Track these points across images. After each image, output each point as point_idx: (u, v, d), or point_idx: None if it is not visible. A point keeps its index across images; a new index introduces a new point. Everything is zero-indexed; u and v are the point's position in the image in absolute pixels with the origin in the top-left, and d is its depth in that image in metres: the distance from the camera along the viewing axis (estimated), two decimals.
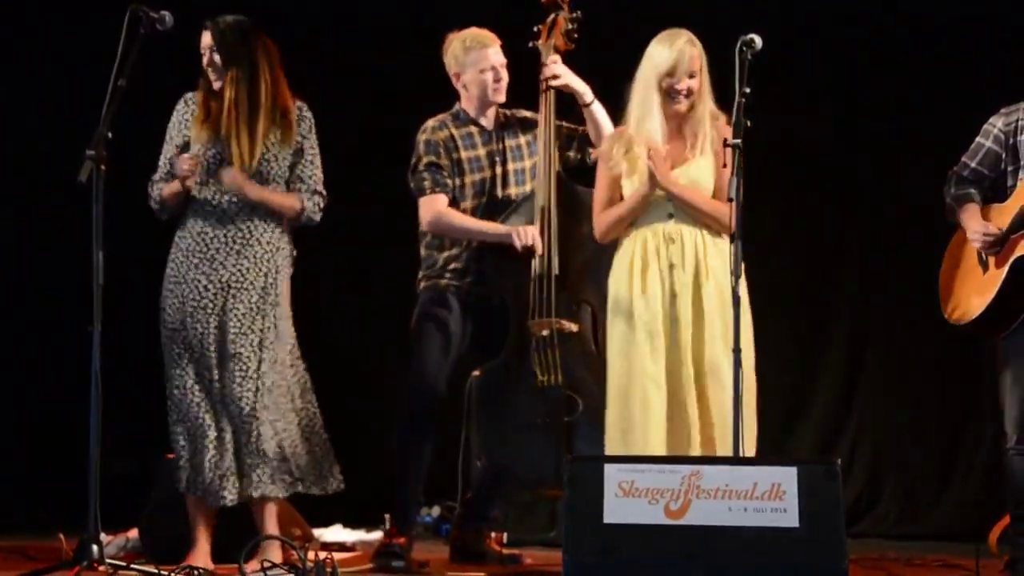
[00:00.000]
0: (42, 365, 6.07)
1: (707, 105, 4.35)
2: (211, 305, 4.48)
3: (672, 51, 4.30)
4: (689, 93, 4.33)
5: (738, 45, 3.99)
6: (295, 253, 4.64)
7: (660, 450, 4.11)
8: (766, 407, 4.29)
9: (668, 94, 4.32)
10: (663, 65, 4.30)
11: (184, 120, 4.60)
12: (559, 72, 4.71)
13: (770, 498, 3.34)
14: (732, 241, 3.94)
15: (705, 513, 3.33)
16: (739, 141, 3.95)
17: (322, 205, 4.61)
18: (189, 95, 4.63)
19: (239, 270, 4.50)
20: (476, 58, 4.78)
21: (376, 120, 5.98)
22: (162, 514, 4.76)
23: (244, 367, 4.45)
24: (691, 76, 4.32)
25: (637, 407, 4.19)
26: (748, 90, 3.96)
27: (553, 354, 4.57)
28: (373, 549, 4.83)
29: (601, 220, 4.42)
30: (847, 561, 3.31)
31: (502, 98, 4.83)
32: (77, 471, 4.20)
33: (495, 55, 4.80)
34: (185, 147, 4.57)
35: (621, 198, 4.38)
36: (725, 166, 4.03)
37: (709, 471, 3.38)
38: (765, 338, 4.31)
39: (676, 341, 4.23)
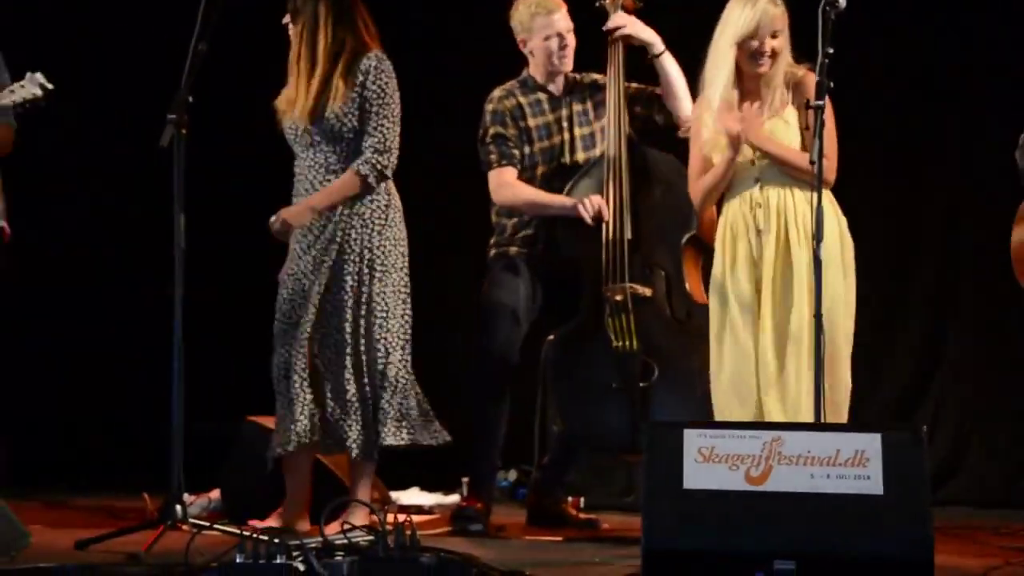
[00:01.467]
0: (126, 327, 6.16)
1: (785, 64, 4.25)
2: (292, 268, 4.49)
3: (754, 11, 4.22)
4: (773, 54, 4.25)
5: (821, 4, 3.92)
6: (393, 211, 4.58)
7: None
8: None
9: (751, 56, 4.25)
10: (745, 26, 4.22)
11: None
12: (623, 22, 4.63)
13: (853, 465, 3.30)
14: (813, 205, 3.88)
15: (786, 479, 3.30)
16: (822, 103, 3.89)
17: (384, 164, 4.46)
18: None
19: (310, 232, 4.49)
20: (542, 24, 4.74)
21: (448, 85, 5.97)
22: (243, 475, 4.82)
23: (334, 326, 4.46)
24: (774, 36, 4.24)
25: (743, 385, 4.15)
26: (831, 50, 3.90)
27: (628, 319, 4.55)
28: (450, 512, 4.86)
29: (695, 190, 4.34)
30: (932, 529, 3.27)
31: (569, 65, 4.78)
32: (161, 432, 4.26)
33: (561, 20, 4.74)
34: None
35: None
36: (807, 128, 3.96)
37: (791, 437, 3.35)
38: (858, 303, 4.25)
39: (760, 308, 4.17)
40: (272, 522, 4.46)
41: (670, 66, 4.64)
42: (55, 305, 6.12)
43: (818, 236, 3.88)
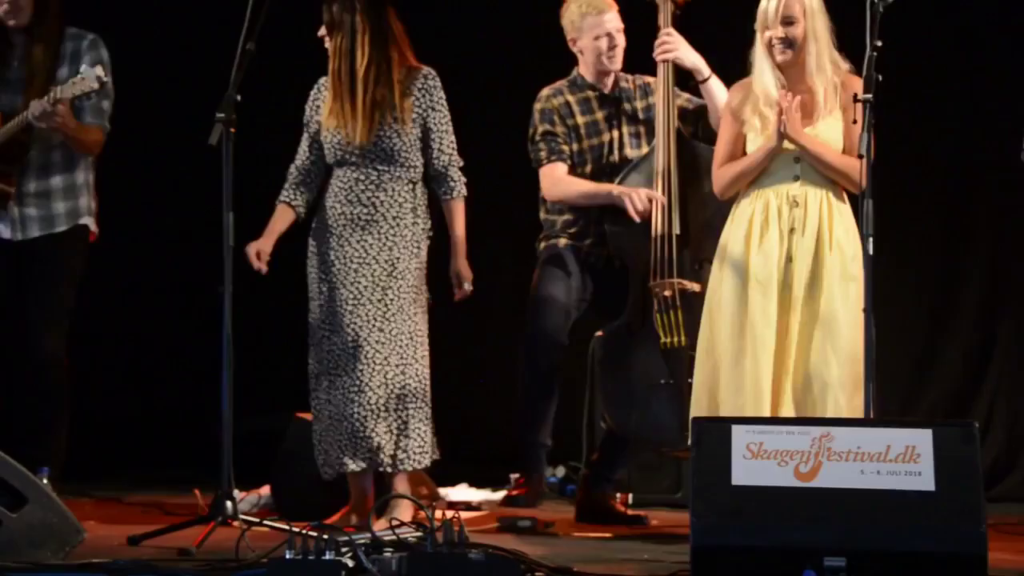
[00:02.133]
0: (175, 325, 6.20)
1: (823, 56, 4.18)
2: (335, 280, 4.49)
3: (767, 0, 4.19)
4: (787, 43, 4.18)
5: None
6: (430, 230, 4.61)
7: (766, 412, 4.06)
8: (896, 369, 4.21)
9: (769, 45, 4.21)
10: (760, 15, 4.21)
11: (315, 105, 4.59)
12: (671, 47, 4.63)
13: (904, 460, 3.27)
14: (863, 199, 3.86)
15: (836, 476, 3.28)
16: (870, 96, 3.85)
17: (461, 172, 4.57)
18: (322, 80, 4.59)
19: (363, 246, 4.50)
20: (592, 23, 4.74)
21: (499, 84, 5.97)
22: (292, 472, 4.85)
23: (363, 336, 4.46)
24: (787, 23, 4.16)
25: (748, 365, 4.12)
26: (879, 43, 3.86)
27: (676, 315, 4.54)
28: (500, 502, 4.87)
29: (722, 175, 4.31)
30: (985, 525, 3.23)
31: (618, 65, 4.78)
32: (211, 429, 4.29)
33: (611, 21, 4.74)
34: (317, 134, 4.56)
35: (743, 154, 4.29)
36: (855, 122, 3.93)
37: (840, 433, 3.33)
38: (895, 298, 4.22)
39: (786, 306, 4.14)
40: (337, 523, 4.47)
41: (717, 90, 4.63)
42: (106, 303, 6.17)
43: (868, 231, 3.84)
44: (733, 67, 4.37)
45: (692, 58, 4.65)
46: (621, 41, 4.76)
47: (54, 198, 4.63)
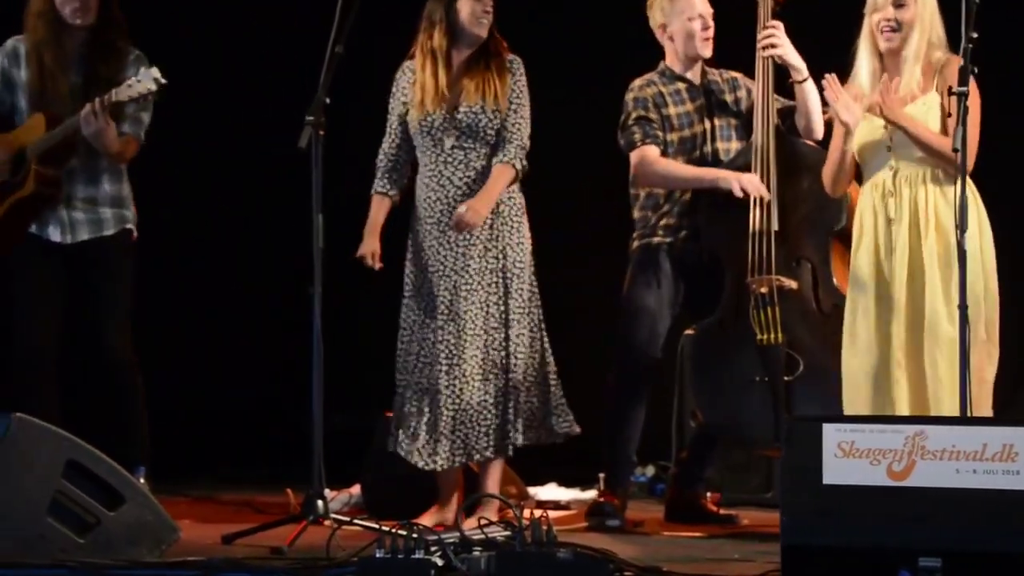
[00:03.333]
0: (267, 325, 6.27)
1: (922, 44, 4.11)
2: (440, 267, 4.54)
3: None
4: (896, 26, 4.11)
5: None
6: (524, 213, 4.66)
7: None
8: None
9: (878, 28, 4.15)
10: (870, 2, 4.16)
11: (402, 89, 4.64)
12: (778, 43, 4.57)
13: (1001, 460, 3.20)
14: (954, 195, 3.79)
15: (931, 475, 3.22)
16: (966, 89, 3.78)
17: (526, 164, 4.58)
18: (407, 63, 4.66)
19: (467, 233, 4.54)
20: (683, 6, 4.71)
21: (589, 80, 5.96)
22: (382, 470, 4.88)
23: (472, 325, 4.50)
24: (897, 5, 4.11)
25: (853, 372, 4.10)
26: (975, 35, 3.79)
27: (773, 312, 4.50)
28: (586, 508, 4.85)
29: (825, 172, 4.29)
30: None
31: (709, 51, 4.74)
32: (302, 428, 4.33)
33: (702, 3, 4.72)
34: (404, 116, 4.62)
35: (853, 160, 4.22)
36: (950, 115, 3.86)
37: (934, 431, 3.27)
38: (1002, 295, 4.13)
39: (888, 299, 4.09)
40: (426, 521, 4.50)
41: (811, 93, 4.56)
42: (198, 304, 6.26)
43: (962, 226, 3.78)
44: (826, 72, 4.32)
45: (794, 57, 4.59)
46: (712, 26, 4.72)
47: (101, 203, 4.63)
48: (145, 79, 4.38)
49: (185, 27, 4.75)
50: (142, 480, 3.82)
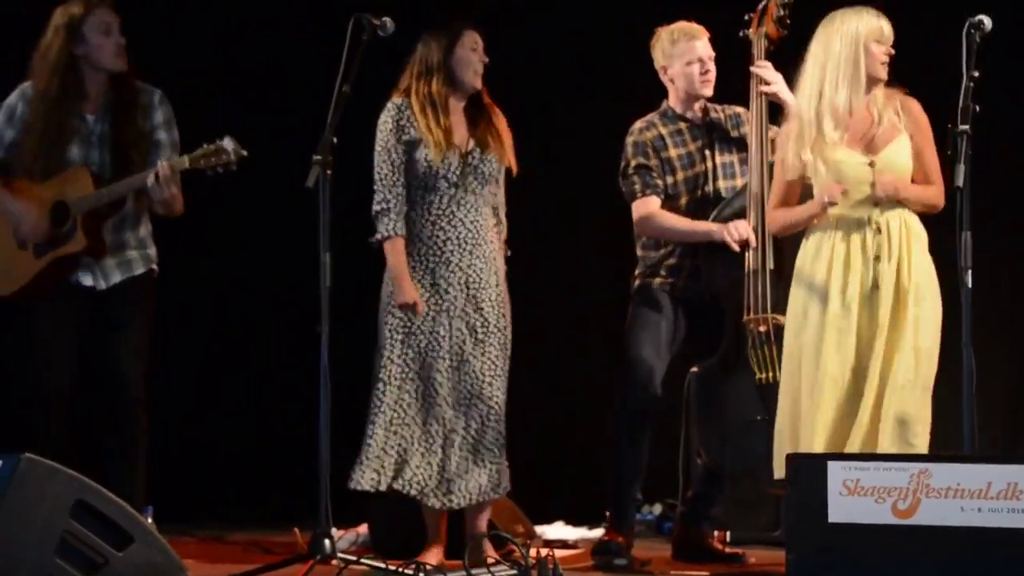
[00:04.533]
0: (274, 364, 6.29)
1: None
2: (453, 307, 4.56)
3: (879, 18, 4.21)
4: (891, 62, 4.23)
5: (966, 27, 3.87)
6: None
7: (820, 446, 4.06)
8: (997, 403, 4.14)
9: (879, 59, 4.20)
10: (871, 29, 4.20)
11: (402, 127, 4.61)
12: (771, 80, 4.64)
13: (1006, 498, 3.21)
14: (960, 231, 3.83)
15: (935, 513, 3.23)
16: (967, 127, 3.82)
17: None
18: (398, 102, 4.61)
19: (475, 270, 4.57)
20: (683, 50, 4.75)
21: (587, 119, 5.99)
22: (391, 510, 4.88)
23: (492, 365, 4.53)
24: (890, 44, 4.23)
25: (807, 399, 4.14)
26: (976, 74, 3.83)
27: (771, 350, 4.51)
28: (592, 547, 4.85)
29: (775, 218, 4.37)
30: None
31: (709, 92, 4.79)
32: (309, 467, 4.34)
33: (703, 48, 4.76)
34: (406, 155, 4.59)
35: (797, 199, 4.31)
36: (950, 152, 3.90)
37: (939, 469, 3.28)
38: (994, 331, 4.16)
39: (868, 334, 4.13)
40: (431, 559, 4.50)
41: None
42: (204, 342, 6.28)
43: (964, 264, 3.81)
44: None
45: (786, 93, 4.63)
46: (712, 68, 4.77)
47: (128, 246, 4.60)
48: (228, 148, 4.31)
49: (191, 66, 4.78)
50: (150, 520, 3.81)
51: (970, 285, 3.82)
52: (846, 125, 4.21)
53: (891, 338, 4.11)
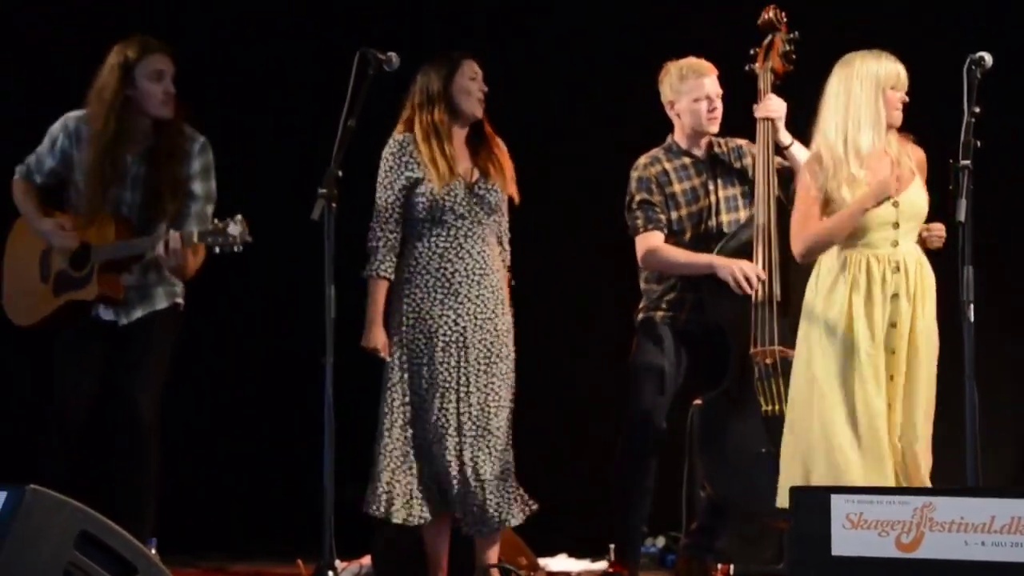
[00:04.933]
0: (278, 396, 6.29)
1: None
2: (460, 338, 4.56)
3: (896, 64, 4.26)
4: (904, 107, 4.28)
5: (967, 64, 3.90)
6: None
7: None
8: (1006, 437, 4.16)
9: (895, 104, 4.24)
10: (888, 75, 4.23)
11: (405, 163, 4.60)
12: (776, 115, 4.70)
13: (1010, 532, 3.21)
14: (962, 265, 3.85)
15: (939, 547, 3.23)
16: (968, 162, 3.85)
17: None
18: (401, 137, 4.61)
19: (483, 300, 4.58)
20: (692, 87, 4.78)
21: (595, 153, 6.02)
22: (393, 542, 4.88)
23: (498, 395, 4.54)
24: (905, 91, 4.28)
25: (837, 431, 4.16)
26: (977, 110, 3.86)
27: (777, 383, 4.52)
28: None
29: (807, 233, 4.30)
30: None
31: (715, 129, 4.82)
32: (312, 498, 4.34)
33: (711, 85, 4.79)
34: (406, 192, 4.60)
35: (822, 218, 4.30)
36: (951, 188, 3.93)
37: (943, 503, 3.28)
38: (996, 365, 4.18)
39: (889, 372, 4.18)
40: None
41: (798, 156, 4.69)
42: (208, 373, 6.28)
43: (967, 298, 3.83)
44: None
45: (781, 130, 4.70)
46: (719, 106, 4.80)
47: (151, 283, 4.62)
48: (234, 233, 4.32)
49: (198, 98, 4.80)
50: (154, 551, 3.81)
51: (972, 319, 3.83)
52: (868, 166, 4.23)
53: (912, 375, 4.19)
